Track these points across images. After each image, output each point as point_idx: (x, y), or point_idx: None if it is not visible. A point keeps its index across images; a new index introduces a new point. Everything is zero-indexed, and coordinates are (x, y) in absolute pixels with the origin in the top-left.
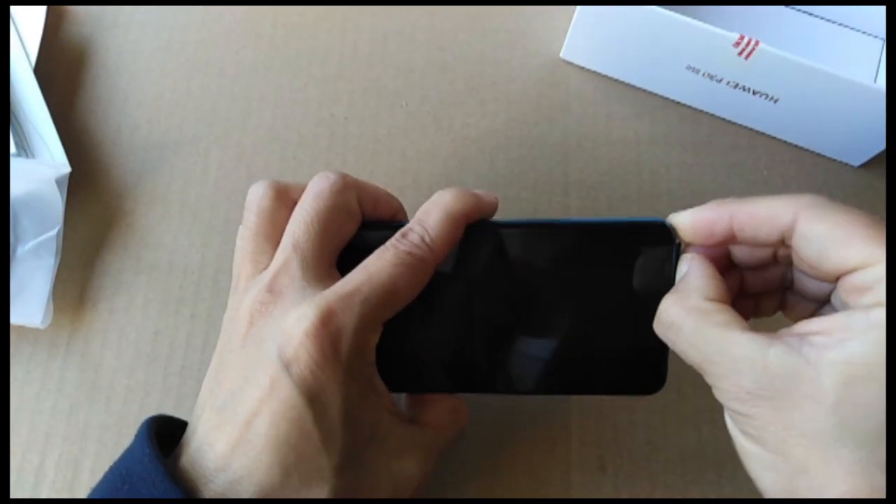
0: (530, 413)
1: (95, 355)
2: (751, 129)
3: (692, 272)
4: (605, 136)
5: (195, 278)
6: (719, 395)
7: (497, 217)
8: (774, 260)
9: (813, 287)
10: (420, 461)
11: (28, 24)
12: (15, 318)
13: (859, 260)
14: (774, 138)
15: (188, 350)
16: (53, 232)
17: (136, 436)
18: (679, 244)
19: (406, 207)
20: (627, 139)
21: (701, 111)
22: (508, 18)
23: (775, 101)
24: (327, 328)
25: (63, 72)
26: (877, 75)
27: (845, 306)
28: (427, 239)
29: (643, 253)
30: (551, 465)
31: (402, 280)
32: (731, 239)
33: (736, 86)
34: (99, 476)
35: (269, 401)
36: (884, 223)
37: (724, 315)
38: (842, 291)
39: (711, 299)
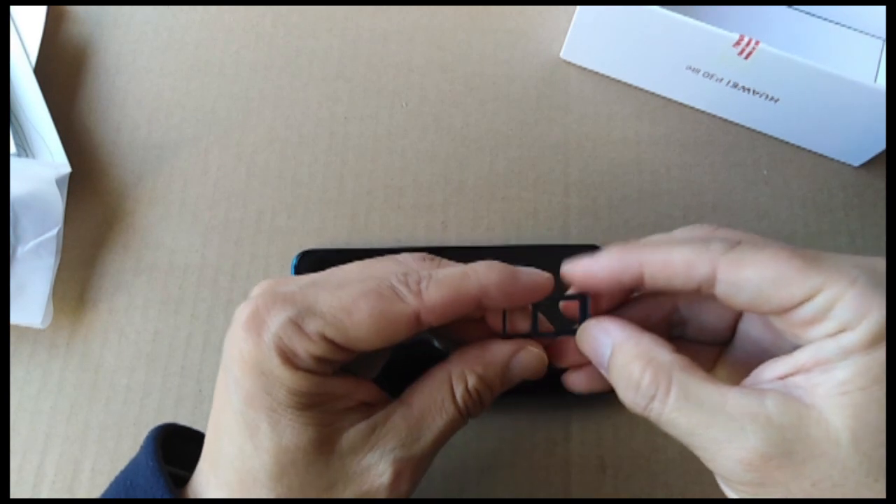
0: (530, 413)
1: (95, 355)
2: (751, 129)
3: (627, 332)
4: (605, 136)
5: (195, 278)
6: (723, 468)
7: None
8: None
9: (713, 326)
10: (389, 457)
11: (28, 24)
12: (15, 318)
13: (803, 294)
14: (774, 138)
15: (188, 350)
16: (53, 232)
17: (142, 446)
18: (586, 299)
19: (405, 207)
20: (627, 139)
21: (701, 111)
22: (508, 18)
23: (775, 101)
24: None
25: (63, 72)
26: (877, 75)
27: (796, 339)
28: (423, 285)
29: None
30: (551, 465)
31: (365, 306)
32: (636, 288)
33: (736, 86)
34: (99, 476)
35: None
36: (800, 250)
37: (700, 369)
38: (787, 326)
39: (675, 352)
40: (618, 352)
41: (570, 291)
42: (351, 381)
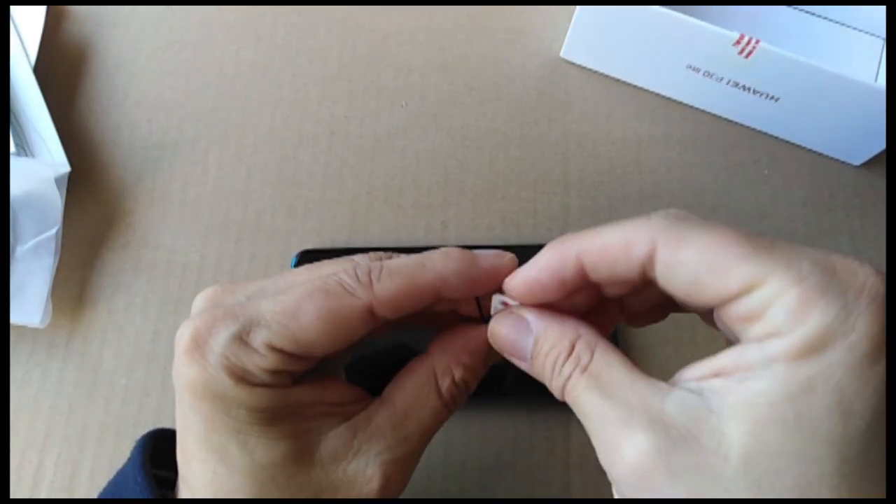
0: (530, 413)
1: (94, 355)
2: (751, 129)
3: (546, 319)
4: (605, 135)
5: (194, 278)
6: (607, 460)
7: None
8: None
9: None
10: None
11: (28, 24)
12: (14, 318)
13: (742, 284)
14: (775, 137)
15: None
16: (53, 231)
17: (130, 457)
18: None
19: (405, 207)
20: (627, 139)
21: (701, 111)
22: (508, 18)
23: (776, 101)
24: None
25: (63, 72)
26: (877, 74)
27: (736, 337)
28: (374, 276)
29: None
30: (551, 465)
31: (311, 307)
32: (583, 283)
33: (736, 85)
34: (97, 476)
35: None
36: (755, 234)
37: (620, 353)
38: (728, 322)
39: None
40: (541, 340)
41: (525, 312)
42: (317, 386)
